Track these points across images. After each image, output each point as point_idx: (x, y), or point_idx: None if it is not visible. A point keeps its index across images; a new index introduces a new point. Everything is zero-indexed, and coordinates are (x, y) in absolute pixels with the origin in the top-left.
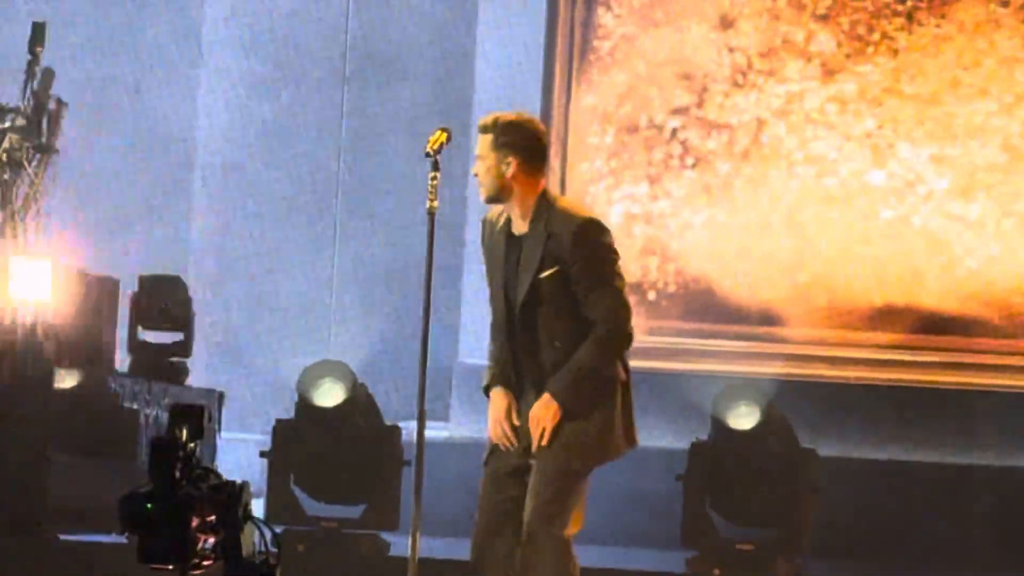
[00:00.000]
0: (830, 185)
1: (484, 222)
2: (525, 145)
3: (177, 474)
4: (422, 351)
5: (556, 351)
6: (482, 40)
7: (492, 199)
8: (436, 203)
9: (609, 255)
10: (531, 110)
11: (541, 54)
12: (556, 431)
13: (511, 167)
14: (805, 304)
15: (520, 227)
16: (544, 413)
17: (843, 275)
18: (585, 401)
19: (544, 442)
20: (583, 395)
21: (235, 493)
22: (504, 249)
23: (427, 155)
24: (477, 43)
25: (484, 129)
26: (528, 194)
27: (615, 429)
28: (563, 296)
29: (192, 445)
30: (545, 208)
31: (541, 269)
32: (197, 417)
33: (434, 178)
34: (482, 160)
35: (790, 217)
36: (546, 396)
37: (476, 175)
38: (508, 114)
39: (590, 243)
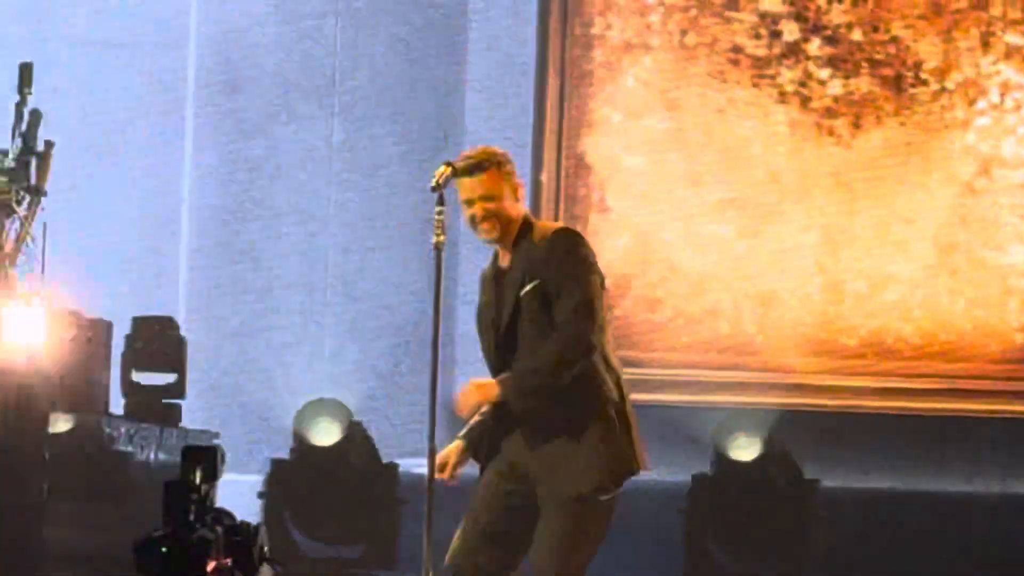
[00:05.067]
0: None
1: (482, 276)
2: (515, 172)
3: (191, 517)
4: (431, 387)
5: None
6: (472, 70)
7: (502, 238)
8: (443, 237)
9: (582, 261)
10: (524, 141)
11: (532, 79)
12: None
13: (520, 194)
14: (803, 336)
15: (505, 259)
16: (472, 388)
17: (839, 307)
18: (528, 399)
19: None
20: (525, 392)
21: (250, 535)
22: (493, 287)
23: (432, 189)
24: (467, 74)
25: (481, 168)
26: (518, 221)
27: (615, 448)
28: (544, 314)
29: (205, 487)
30: (527, 229)
31: (522, 286)
32: (211, 458)
33: (440, 212)
34: (490, 199)
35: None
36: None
37: (476, 217)
38: (488, 147)
39: (564, 249)
